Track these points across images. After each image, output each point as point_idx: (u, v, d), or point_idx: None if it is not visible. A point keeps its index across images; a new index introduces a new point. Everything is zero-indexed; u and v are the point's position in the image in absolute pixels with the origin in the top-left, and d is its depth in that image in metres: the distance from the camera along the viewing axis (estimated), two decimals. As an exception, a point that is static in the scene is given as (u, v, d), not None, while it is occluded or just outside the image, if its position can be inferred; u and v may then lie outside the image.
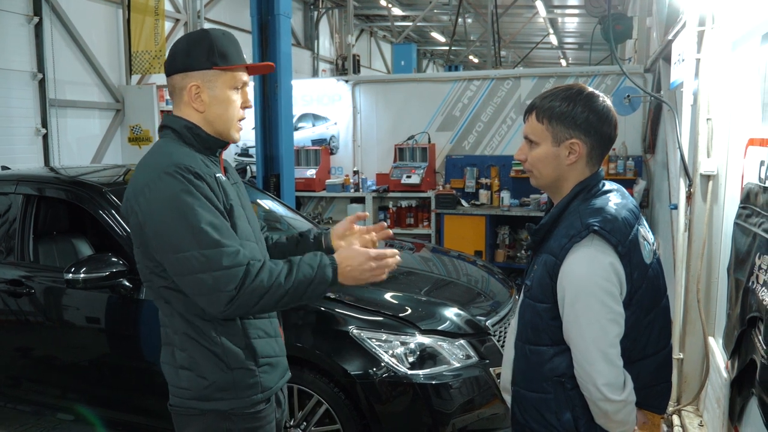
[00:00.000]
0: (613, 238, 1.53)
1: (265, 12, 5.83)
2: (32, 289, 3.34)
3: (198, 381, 1.73)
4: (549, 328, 1.62)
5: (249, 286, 1.60)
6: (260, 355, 1.78)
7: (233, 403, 1.74)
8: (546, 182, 1.69)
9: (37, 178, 3.67)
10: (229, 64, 1.73)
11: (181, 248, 1.60)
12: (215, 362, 1.73)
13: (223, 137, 1.80)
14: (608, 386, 1.51)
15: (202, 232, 1.59)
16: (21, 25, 7.88)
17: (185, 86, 1.73)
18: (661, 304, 1.67)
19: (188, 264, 1.60)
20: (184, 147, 1.73)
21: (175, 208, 1.60)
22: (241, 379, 1.74)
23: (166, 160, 1.66)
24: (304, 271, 1.66)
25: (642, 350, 1.64)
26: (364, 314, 2.92)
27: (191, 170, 1.64)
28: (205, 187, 1.65)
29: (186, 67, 1.72)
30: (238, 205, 1.77)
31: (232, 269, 1.59)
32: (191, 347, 1.73)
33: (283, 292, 1.64)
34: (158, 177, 1.63)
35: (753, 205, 2.33)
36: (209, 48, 1.71)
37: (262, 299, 1.62)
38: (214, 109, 1.74)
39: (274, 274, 1.64)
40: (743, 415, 2.40)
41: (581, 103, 1.62)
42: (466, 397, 2.83)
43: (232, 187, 1.82)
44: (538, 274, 1.64)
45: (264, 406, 1.80)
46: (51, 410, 3.49)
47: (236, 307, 1.62)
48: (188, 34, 1.78)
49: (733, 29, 2.71)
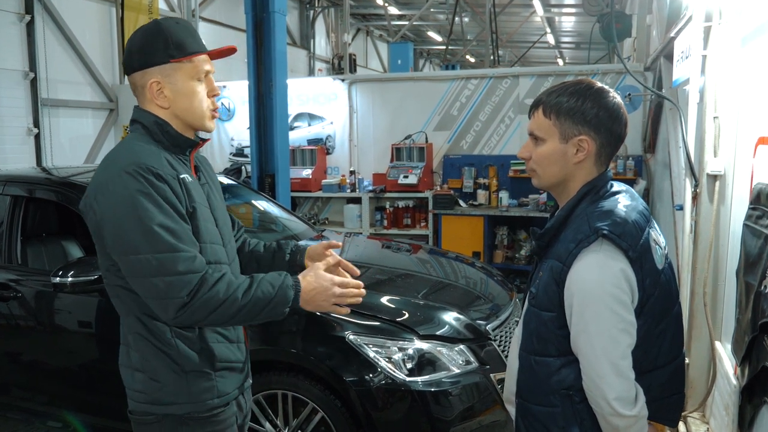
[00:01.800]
0: (624, 242, 1.44)
1: (260, 10, 5.74)
2: (20, 293, 3.25)
3: (151, 384, 1.69)
4: (556, 337, 1.53)
5: (203, 295, 1.55)
6: (218, 359, 1.74)
7: (188, 408, 1.69)
8: (551, 182, 1.61)
9: (25, 179, 3.59)
10: (186, 55, 1.67)
11: (135, 250, 1.55)
12: (168, 364, 1.68)
13: (196, 128, 1.75)
14: (619, 400, 1.43)
15: (156, 236, 1.54)
16: (12, 24, 7.78)
17: (145, 84, 1.68)
18: (673, 311, 1.59)
19: (141, 267, 1.55)
20: (151, 144, 1.68)
21: (131, 208, 1.55)
22: (195, 382, 1.70)
23: (128, 158, 1.61)
24: (264, 289, 1.61)
25: (653, 361, 1.55)
26: (361, 319, 2.83)
27: (152, 171, 1.58)
28: (165, 189, 1.59)
29: (143, 64, 1.67)
30: (203, 207, 1.72)
31: (185, 275, 1.55)
32: (144, 348, 1.69)
33: (238, 307, 1.58)
34: (118, 175, 1.58)
35: (764, 206, 2.26)
36: (164, 41, 1.65)
37: (215, 311, 1.57)
38: (180, 103, 1.69)
39: (231, 287, 1.58)
40: (754, 424, 2.32)
41: (591, 98, 1.53)
42: (466, 404, 2.75)
43: (201, 187, 1.77)
44: (544, 280, 1.55)
45: (221, 410, 1.75)
46: (40, 417, 3.41)
47: (188, 315, 1.56)
48: (142, 28, 1.71)
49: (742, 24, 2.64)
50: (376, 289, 3.28)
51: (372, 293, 3.18)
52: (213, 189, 1.85)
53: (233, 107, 8.65)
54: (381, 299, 3.08)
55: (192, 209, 1.67)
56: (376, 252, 4.33)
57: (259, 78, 5.90)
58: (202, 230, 1.68)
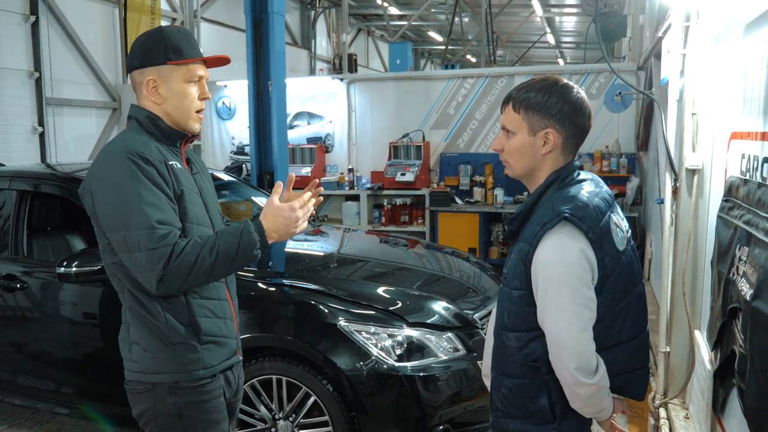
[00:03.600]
0: (584, 224, 1.56)
1: (259, 10, 5.85)
2: (26, 284, 3.37)
3: (143, 354, 1.85)
4: (525, 314, 1.65)
5: (174, 262, 1.70)
6: (204, 333, 1.87)
7: (176, 377, 1.84)
8: (522, 172, 1.73)
9: (31, 174, 3.70)
10: (182, 59, 1.84)
11: (122, 227, 1.72)
12: (158, 336, 1.83)
13: (181, 128, 1.90)
14: (580, 370, 1.54)
15: (140, 213, 1.70)
16: (18, 24, 7.92)
17: (143, 81, 1.85)
18: (635, 290, 1.70)
19: (127, 243, 1.72)
20: (143, 135, 1.85)
21: (119, 189, 1.73)
22: (182, 353, 1.84)
23: (121, 146, 1.79)
24: (227, 239, 1.75)
25: (617, 336, 1.67)
26: (353, 307, 2.95)
27: (141, 155, 1.75)
28: (152, 172, 1.76)
29: (142, 63, 1.85)
30: (192, 192, 1.88)
31: (159, 249, 1.69)
32: (137, 322, 1.85)
33: (210, 263, 1.72)
34: (111, 161, 1.77)
35: (735, 198, 2.36)
36: (164, 45, 1.83)
37: (191, 274, 1.72)
38: (171, 102, 1.86)
39: (197, 248, 1.72)
40: (726, 406, 2.42)
41: (556, 93, 1.65)
42: (453, 389, 2.86)
43: (191, 176, 1.93)
44: (514, 261, 1.67)
45: (208, 381, 1.89)
46: (46, 404, 3.51)
47: (167, 284, 1.72)
48: (145, 33, 1.91)
49: (715, 23, 2.75)
50: (373, 280, 3.41)
51: (368, 284, 3.31)
52: (204, 179, 2.02)
53: (234, 106, 8.76)
54: (377, 290, 3.20)
55: (180, 191, 1.82)
56: (374, 246, 4.45)
57: (258, 78, 6.01)
58: (189, 212, 1.84)
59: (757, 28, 2.07)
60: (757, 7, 2.02)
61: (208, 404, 1.88)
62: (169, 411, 1.85)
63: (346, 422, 2.83)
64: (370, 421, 2.79)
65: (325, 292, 3.05)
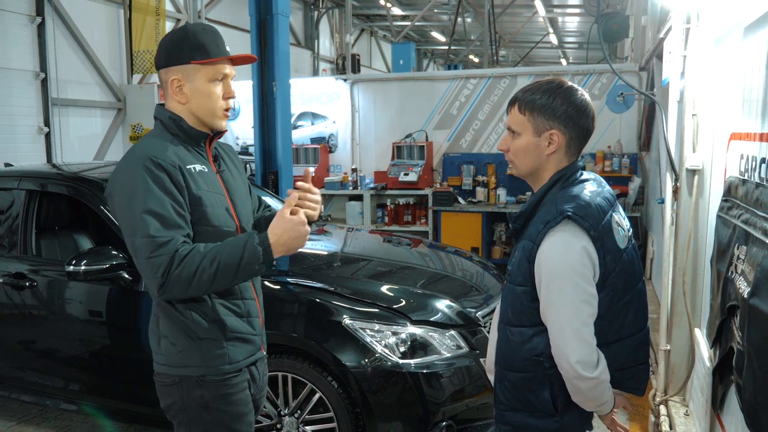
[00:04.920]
0: (586, 222, 1.60)
1: (264, 11, 5.91)
2: (35, 282, 3.42)
3: (170, 347, 1.88)
4: (528, 310, 1.69)
5: (174, 272, 1.71)
6: (229, 330, 1.90)
7: (202, 371, 1.87)
8: (526, 171, 1.77)
9: (39, 174, 3.75)
10: (207, 58, 1.83)
11: (130, 233, 1.76)
12: (185, 331, 1.87)
13: (207, 126, 1.91)
14: (581, 363, 1.58)
15: (141, 221, 1.72)
16: (24, 25, 7.97)
17: (167, 80, 1.86)
18: (636, 287, 1.74)
19: (134, 248, 1.76)
20: (165, 138, 1.87)
21: (129, 196, 1.75)
22: (208, 348, 1.87)
23: (139, 151, 1.82)
24: (230, 251, 1.74)
25: (618, 332, 1.71)
26: (358, 305, 2.99)
27: (154, 161, 1.77)
28: (163, 177, 1.76)
29: (167, 62, 1.85)
30: (213, 194, 1.88)
31: (157, 257, 1.71)
32: (165, 316, 1.89)
33: (210, 274, 1.72)
34: (128, 166, 1.80)
35: (734, 198, 2.39)
36: (188, 44, 1.83)
37: (192, 281, 1.73)
38: (196, 101, 1.86)
39: (197, 258, 1.73)
40: (724, 403, 2.46)
41: (561, 96, 1.69)
42: (456, 386, 2.90)
43: (218, 175, 1.94)
44: (518, 258, 1.71)
45: (234, 375, 1.92)
46: (54, 400, 3.56)
47: (169, 292, 1.74)
48: (171, 32, 1.91)
49: (715, 25, 2.78)
50: (376, 279, 3.45)
51: (373, 282, 3.35)
52: (233, 175, 2.02)
53: (238, 107, 8.81)
54: (381, 288, 3.25)
55: (198, 196, 1.82)
56: (377, 246, 4.49)
57: (262, 78, 6.07)
58: (210, 216, 1.84)
59: (756, 30, 2.11)
60: (756, 9, 2.06)
61: (235, 397, 1.91)
62: (197, 403, 1.88)
63: (351, 418, 2.87)
64: (374, 418, 2.83)
65: (330, 291, 3.09)
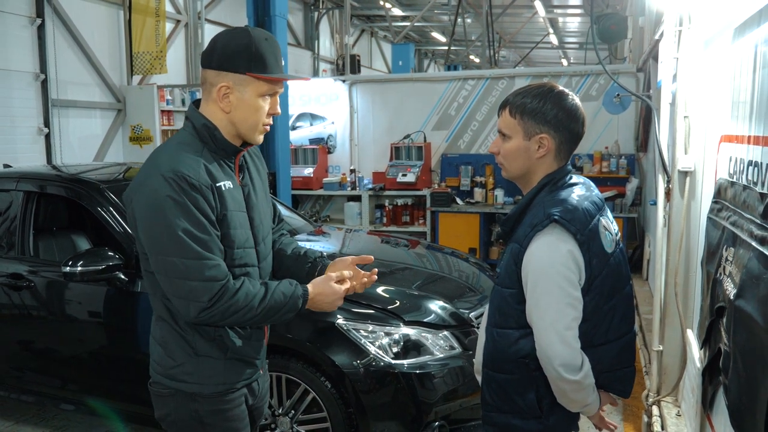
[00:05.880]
0: (572, 226, 1.62)
1: (262, 13, 5.95)
2: (32, 283, 3.44)
3: (166, 360, 1.84)
4: (515, 312, 1.71)
5: (224, 302, 1.68)
6: (230, 350, 1.85)
7: (196, 388, 1.82)
8: (516, 174, 1.79)
9: (37, 176, 3.76)
10: (265, 73, 1.72)
11: (163, 251, 1.67)
12: (183, 346, 1.81)
13: (245, 139, 1.82)
14: (564, 366, 1.60)
15: (183, 242, 1.64)
16: (24, 27, 7.99)
17: (216, 84, 1.73)
18: (623, 291, 1.76)
19: (167, 268, 1.67)
20: (194, 149, 1.75)
21: (161, 211, 1.65)
22: (205, 366, 1.82)
23: (168, 163, 1.69)
24: (277, 298, 1.76)
25: (604, 335, 1.73)
26: (352, 306, 3.01)
27: (187, 180, 1.66)
28: (198, 198, 1.67)
29: (221, 66, 1.72)
30: (236, 212, 1.79)
31: (208, 282, 1.66)
32: (165, 328, 1.83)
33: (254, 314, 1.74)
34: (155, 177, 1.67)
35: (723, 200, 2.41)
36: (249, 53, 1.70)
37: (233, 316, 1.72)
38: (240, 113, 1.75)
39: (249, 296, 1.72)
40: (714, 403, 2.47)
41: (551, 100, 1.71)
42: (449, 387, 2.92)
43: (240, 189, 1.84)
44: (506, 261, 1.74)
45: (230, 392, 1.86)
46: (52, 400, 3.58)
47: (207, 318, 1.70)
48: (231, 32, 1.75)
49: (705, 28, 2.80)
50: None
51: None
52: (255, 187, 1.91)
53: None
54: (377, 289, 3.26)
55: (222, 216, 1.74)
56: (375, 246, 4.51)
57: (261, 79, 6.08)
58: (232, 236, 1.77)
59: (745, 32, 2.13)
60: (745, 11, 2.07)
61: (230, 413, 1.86)
62: (191, 417, 1.84)
63: (344, 419, 2.89)
64: (367, 418, 2.85)
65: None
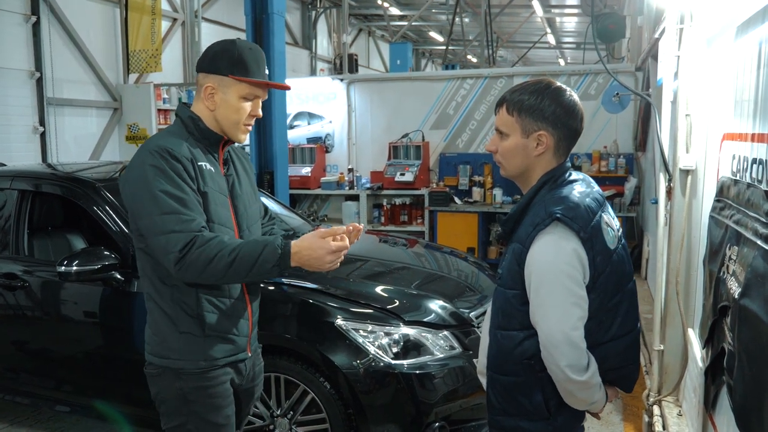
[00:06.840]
0: (575, 224, 1.59)
1: (260, 11, 5.91)
2: (27, 283, 3.40)
3: (154, 338, 1.99)
4: (518, 313, 1.68)
5: (195, 251, 1.78)
6: (208, 327, 1.95)
7: (180, 363, 1.95)
8: (515, 172, 1.76)
9: (32, 174, 3.73)
10: (245, 77, 1.92)
11: (147, 213, 1.83)
12: (167, 323, 1.95)
13: (228, 136, 2.01)
14: (571, 367, 1.57)
15: (160, 199, 1.81)
16: (19, 25, 7.95)
17: (203, 84, 1.95)
18: (626, 288, 1.73)
19: (150, 227, 1.83)
20: (179, 136, 1.95)
21: (143, 178, 1.84)
22: (187, 342, 1.95)
23: (155, 142, 1.90)
24: (251, 247, 1.81)
25: (608, 332, 1.70)
26: (351, 306, 2.98)
27: (169, 151, 1.86)
28: (178, 167, 1.85)
29: (208, 69, 1.95)
30: (217, 193, 1.96)
31: (180, 233, 1.79)
32: (153, 307, 1.98)
33: (226, 263, 1.78)
34: (142, 155, 1.88)
35: (726, 198, 2.39)
36: (232, 57, 1.92)
37: (207, 267, 1.79)
38: (223, 111, 1.96)
39: (222, 244, 1.80)
40: (716, 403, 2.46)
41: (549, 96, 1.68)
42: (449, 387, 2.89)
43: (224, 178, 2.02)
44: (508, 261, 1.70)
45: (212, 369, 1.97)
46: (47, 402, 3.54)
47: (185, 270, 1.80)
48: (221, 41, 1.99)
49: (707, 26, 2.78)
50: (371, 279, 3.44)
51: (368, 283, 3.34)
52: (240, 180, 2.10)
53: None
54: (375, 288, 3.24)
55: (204, 192, 1.90)
56: (373, 246, 4.48)
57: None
58: (212, 211, 1.92)
59: (748, 29, 2.10)
60: (748, 8, 2.05)
61: (212, 390, 1.97)
62: (176, 394, 1.96)
63: (343, 420, 2.86)
64: (366, 419, 2.82)
65: (324, 291, 3.08)
